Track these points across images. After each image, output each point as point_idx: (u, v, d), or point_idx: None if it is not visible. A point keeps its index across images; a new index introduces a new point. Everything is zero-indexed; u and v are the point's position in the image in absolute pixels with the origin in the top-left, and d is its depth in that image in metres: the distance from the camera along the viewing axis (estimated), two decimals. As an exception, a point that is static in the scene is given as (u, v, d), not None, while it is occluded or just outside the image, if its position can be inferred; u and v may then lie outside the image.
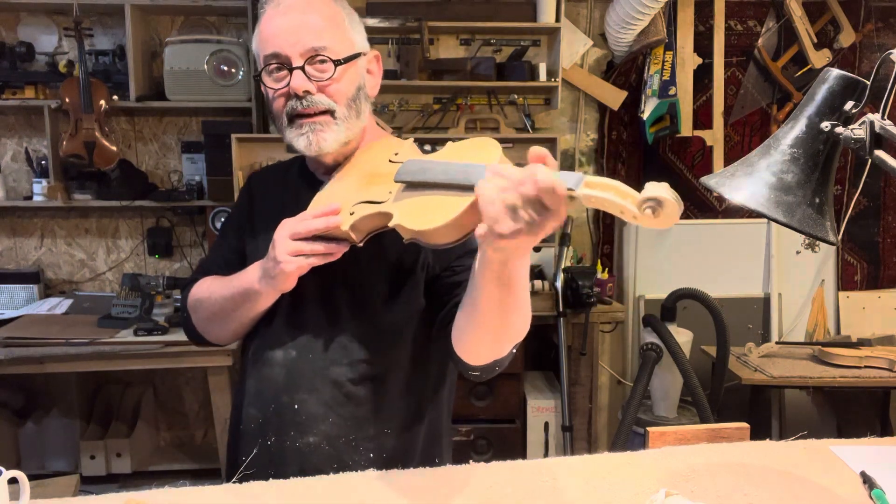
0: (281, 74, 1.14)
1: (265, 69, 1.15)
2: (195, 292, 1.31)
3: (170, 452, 3.36)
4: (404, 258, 1.19)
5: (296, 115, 1.14)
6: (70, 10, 2.93)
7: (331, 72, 1.14)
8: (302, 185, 1.27)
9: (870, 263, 3.45)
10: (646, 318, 2.85)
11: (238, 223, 1.35)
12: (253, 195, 1.34)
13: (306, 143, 1.15)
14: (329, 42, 1.14)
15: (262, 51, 1.16)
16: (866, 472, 1.06)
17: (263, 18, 1.18)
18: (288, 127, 1.16)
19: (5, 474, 0.90)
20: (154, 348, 2.65)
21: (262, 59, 1.17)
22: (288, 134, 1.16)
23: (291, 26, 1.13)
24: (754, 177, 0.93)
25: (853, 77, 0.90)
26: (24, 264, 3.26)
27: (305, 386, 1.17)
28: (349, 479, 1.06)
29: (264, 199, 1.32)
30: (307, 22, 1.14)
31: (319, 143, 1.14)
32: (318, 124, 1.14)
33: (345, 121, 1.16)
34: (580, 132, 3.33)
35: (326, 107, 1.14)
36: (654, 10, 2.92)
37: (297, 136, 1.15)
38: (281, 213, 1.15)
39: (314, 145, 1.14)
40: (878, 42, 3.31)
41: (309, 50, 1.13)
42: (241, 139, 2.95)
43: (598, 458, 1.15)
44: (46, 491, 2.04)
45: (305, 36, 1.13)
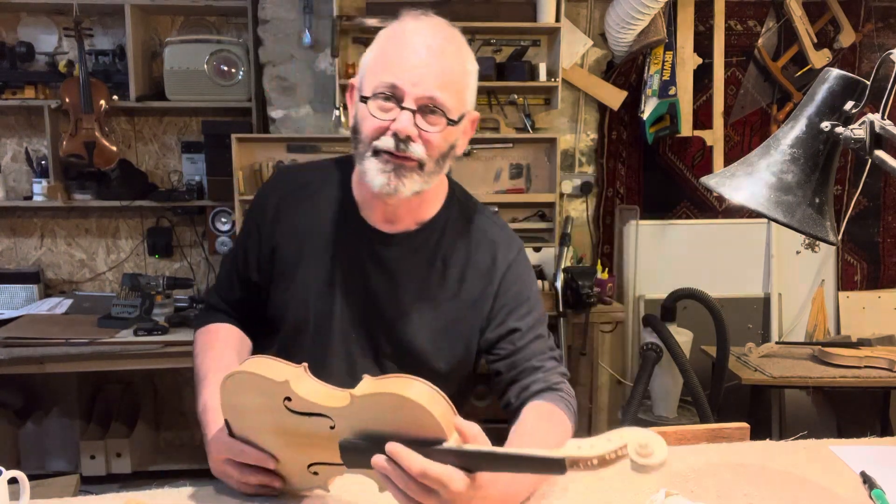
0: (388, 105, 1.07)
1: (374, 94, 1.08)
2: (198, 338, 1.32)
3: (170, 452, 3.36)
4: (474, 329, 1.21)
5: (385, 152, 1.09)
6: (70, 10, 2.93)
7: (440, 127, 1.08)
8: (349, 228, 1.21)
9: (870, 263, 3.45)
10: (646, 318, 2.85)
11: (250, 246, 1.27)
12: (279, 219, 1.24)
13: (384, 181, 1.09)
14: (448, 97, 1.08)
15: (378, 73, 1.09)
16: (866, 472, 1.06)
17: (391, 38, 1.11)
18: (370, 157, 1.10)
19: (5, 474, 0.90)
20: (154, 348, 2.65)
21: (373, 79, 1.09)
22: (366, 163, 1.10)
23: (420, 65, 1.07)
24: (754, 177, 0.93)
25: (853, 77, 0.90)
26: (24, 264, 3.26)
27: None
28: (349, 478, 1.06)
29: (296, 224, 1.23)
30: (437, 68, 1.07)
31: (398, 187, 1.09)
32: (404, 168, 1.09)
33: (429, 175, 1.12)
34: (580, 132, 3.33)
35: (419, 158, 1.09)
36: (654, 10, 2.92)
37: (377, 170, 1.09)
38: (322, 250, 1.18)
39: (391, 187, 1.09)
40: (878, 42, 3.31)
41: (427, 98, 1.07)
42: (241, 139, 2.95)
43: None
44: (46, 491, 2.04)
45: (430, 82, 1.07)
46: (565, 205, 3.34)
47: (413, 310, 1.19)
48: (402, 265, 1.20)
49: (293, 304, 1.21)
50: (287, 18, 3.09)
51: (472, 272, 1.21)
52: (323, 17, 3.05)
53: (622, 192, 3.37)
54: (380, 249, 1.20)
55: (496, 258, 1.22)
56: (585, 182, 3.32)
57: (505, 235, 1.26)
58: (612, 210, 3.37)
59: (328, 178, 1.26)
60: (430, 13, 1.13)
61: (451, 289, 1.20)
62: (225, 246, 3.13)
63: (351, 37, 3.09)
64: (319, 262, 1.20)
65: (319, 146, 3.06)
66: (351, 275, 1.20)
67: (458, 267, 1.21)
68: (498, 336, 1.20)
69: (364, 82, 1.11)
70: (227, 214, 3.12)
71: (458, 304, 1.20)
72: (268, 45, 3.10)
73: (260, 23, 3.09)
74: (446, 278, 1.20)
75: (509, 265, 1.22)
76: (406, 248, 1.20)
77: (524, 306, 1.21)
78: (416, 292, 1.19)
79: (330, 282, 1.20)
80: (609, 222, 3.39)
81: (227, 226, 3.13)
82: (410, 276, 1.20)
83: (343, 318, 1.20)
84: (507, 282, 1.21)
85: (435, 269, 1.20)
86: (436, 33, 1.10)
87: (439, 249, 1.21)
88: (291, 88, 3.15)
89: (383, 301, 1.19)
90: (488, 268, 1.21)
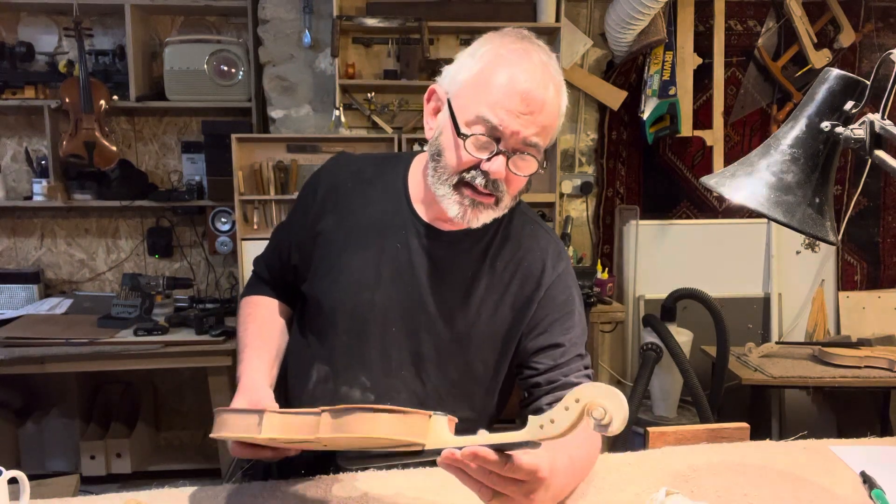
0: (484, 141, 1.06)
1: (473, 132, 1.06)
2: (242, 307, 1.33)
3: (170, 452, 3.36)
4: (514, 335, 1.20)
5: (469, 185, 1.09)
6: (70, 10, 2.93)
7: (531, 171, 1.09)
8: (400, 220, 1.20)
9: (870, 263, 3.45)
10: (646, 318, 2.85)
11: (295, 228, 1.27)
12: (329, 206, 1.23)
13: (460, 212, 1.10)
14: (543, 142, 1.08)
15: (480, 104, 1.05)
16: (866, 472, 1.06)
17: (498, 68, 1.06)
18: (450, 186, 1.09)
19: (5, 474, 0.90)
20: (154, 348, 2.65)
21: (473, 107, 1.06)
22: (445, 190, 1.10)
23: (524, 110, 1.04)
24: (754, 177, 0.93)
25: (853, 77, 0.90)
26: (24, 264, 3.26)
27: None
28: (349, 478, 1.06)
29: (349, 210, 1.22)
30: (540, 113, 1.06)
31: (471, 220, 1.10)
32: (482, 204, 1.10)
33: (503, 210, 1.13)
34: (580, 132, 3.33)
35: (499, 196, 1.10)
36: (654, 10, 2.92)
37: (454, 199, 1.09)
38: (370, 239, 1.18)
39: (466, 219, 1.10)
40: (878, 42, 3.31)
41: (525, 143, 1.06)
42: (241, 139, 2.95)
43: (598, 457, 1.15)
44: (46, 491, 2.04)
45: (530, 128, 1.05)
46: (565, 205, 3.34)
47: (457, 309, 1.18)
48: (451, 263, 1.19)
49: (334, 289, 1.19)
50: (287, 18, 3.09)
51: (520, 277, 1.20)
52: (323, 17, 3.05)
53: (622, 192, 3.37)
54: (430, 245, 1.19)
55: (545, 266, 1.21)
56: (585, 182, 3.32)
57: (556, 245, 1.26)
58: (612, 210, 3.37)
59: (384, 170, 1.25)
60: (533, 38, 1.11)
61: (497, 291, 1.20)
62: (225, 246, 3.13)
63: (351, 37, 3.09)
64: (366, 250, 1.19)
65: (319, 146, 3.06)
66: (398, 266, 1.18)
67: (507, 270, 1.20)
68: (538, 347, 1.18)
69: (458, 101, 1.09)
70: (227, 214, 3.12)
71: (502, 307, 1.19)
72: (268, 45, 3.10)
73: (260, 23, 3.09)
74: (494, 280, 1.20)
75: (558, 275, 1.22)
76: (457, 247, 1.19)
77: (569, 320, 1.20)
78: (462, 291, 1.18)
79: (376, 271, 1.18)
80: (609, 222, 3.39)
81: (227, 226, 3.13)
82: (458, 275, 1.19)
83: (384, 309, 1.18)
84: (554, 290, 1.21)
85: (483, 270, 1.19)
86: (544, 77, 1.07)
87: (489, 251, 1.20)
88: (291, 88, 3.14)
89: (427, 297, 1.18)
90: (537, 275, 1.20)
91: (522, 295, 1.20)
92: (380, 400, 1.15)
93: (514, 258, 1.21)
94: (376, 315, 1.17)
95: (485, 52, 1.09)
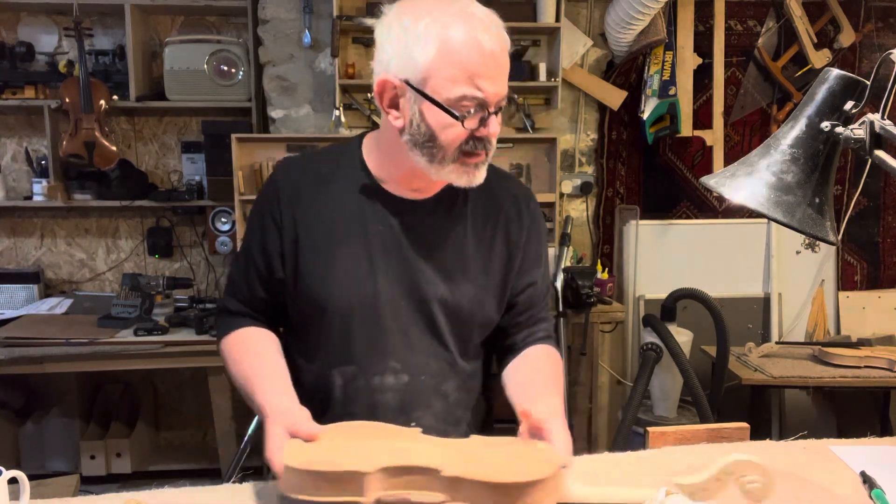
0: (476, 113, 1.09)
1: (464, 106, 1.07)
2: (227, 346, 1.26)
3: (170, 452, 3.36)
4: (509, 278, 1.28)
5: (470, 154, 1.12)
6: (70, 10, 2.93)
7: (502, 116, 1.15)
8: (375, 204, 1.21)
9: (870, 263, 3.45)
10: (646, 318, 2.85)
11: (269, 240, 1.23)
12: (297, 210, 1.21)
13: (467, 180, 1.14)
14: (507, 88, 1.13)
15: (455, 82, 1.06)
16: (866, 472, 1.06)
17: (451, 37, 1.05)
18: (453, 162, 1.12)
19: (5, 474, 0.90)
20: (154, 348, 2.65)
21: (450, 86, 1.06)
22: (448, 167, 1.12)
23: (497, 70, 1.09)
24: (754, 177, 0.93)
25: (853, 77, 0.90)
26: (24, 264, 3.26)
27: (422, 404, 1.22)
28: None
29: (318, 207, 1.22)
30: (504, 65, 1.10)
31: (474, 179, 1.15)
32: (482, 163, 1.15)
33: (490, 157, 1.17)
34: (580, 132, 3.33)
35: (492, 150, 1.15)
36: (654, 10, 2.92)
37: (459, 171, 1.13)
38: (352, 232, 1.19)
39: (473, 182, 1.15)
40: (878, 42, 3.31)
41: (503, 98, 1.11)
42: (241, 139, 2.95)
43: (598, 458, 1.15)
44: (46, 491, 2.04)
45: (502, 83, 1.10)
46: (565, 205, 3.34)
47: (456, 270, 1.22)
48: (436, 229, 1.22)
49: (334, 293, 1.19)
50: (287, 18, 3.08)
51: (502, 226, 1.27)
52: (323, 17, 3.05)
53: (622, 192, 3.37)
54: (411, 218, 1.21)
55: (520, 210, 1.29)
56: (585, 182, 3.32)
57: (522, 188, 1.35)
58: (612, 210, 3.37)
59: (338, 163, 1.26)
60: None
61: (486, 243, 1.25)
62: (225, 246, 3.13)
63: (351, 37, 3.09)
64: (352, 245, 1.20)
65: (319, 146, 3.06)
66: (387, 250, 1.20)
67: (490, 222, 1.26)
68: (523, 286, 1.29)
69: (430, 86, 1.07)
70: (227, 214, 3.12)
71: (494, 256, 1.25)
72: (268, 45, 3.10)
73: (260, 23, 3.09)
74: (481, 235, 1.25)
75: (533, 217, 1.31)
76: (436, 213, 1.22)
77: (542, 258, 1.32)
78: (454, 253, 1.22)
79: (368, 261, 1.19)
80: (609, 222, 3.39)
81: (227, 226, 3.13)
82: (446, 239, 1.22)
83: (389, 294, 1.19)
84: (532, 233, 1.30)
85: (468, 227, 1.24)
86: (493, 26, 1.09)
87: (467, 208, 1.25)
88: (291, 88, 3.14)
89: (425, 268, 1.21)
90: (516, 220, 1.28)
91: (507, 241, 1.27)
92: (414, 377, 1.20)
93: (492, 207, 1.27)
94: (383, 301, 1.19)
95: (428, 26, 1.06)
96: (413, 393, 1.21)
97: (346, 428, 1.04)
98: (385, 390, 1.20)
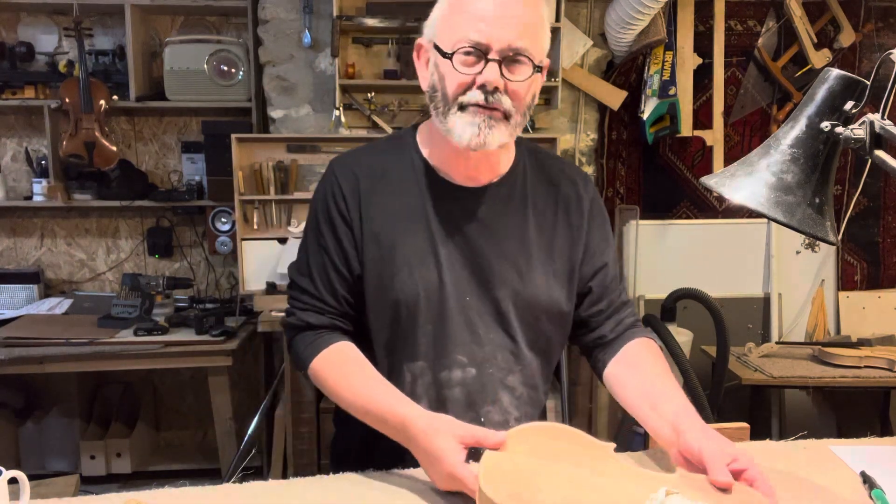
0: (471, 60, 1.07)
1: (458, 50, 1.07)
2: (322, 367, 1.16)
3: (170, 452, 3.36)
4: (574, 262, 1.24)
5: (473, 105, 1.09)
6: (70, 10, 2.93)
7: (526, 75, 1.09)
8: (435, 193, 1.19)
9: (870, 263, 3.45)
10: (646, 318, 2.85)
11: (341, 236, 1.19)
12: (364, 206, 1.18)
13: (474, 132, 1.09)
14: (530, 44, 1.08)
15: (456, 28, 1.07)
16: (866, 472, 1.06)
17: None
18: (456, 112, 1.10)
19: (5, 474, 0.90)
20: (154, 348, 2.65)
21: (452, 34, 1.08)
22: (451, 118, 1.10)
23: (501, 16, 1.06)
24: (754, 177, 0.93)
25: (853, 77, 0.90)
26: (24, 264, 3.26)
27: (489, 398, 1.19)
28: (349, 478, 1.06)
29: (383, 201, 1.19)
30: (517, 16, 1.07)
31: (487, 138, 1.09)
32: (493, 120, 1.09)
33: (514, 127, 1.13)
34: (580, 132, 3.33)
35: (506, 109, 1.09)
36: (654, 10, 2.92)
37: (464, 123, 1.09)
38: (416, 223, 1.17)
39: (481, 139, 1.09)
40: (878, 42, 3.31)
41: (511, 48, 1.06)
42: (241, 139, 2.95)
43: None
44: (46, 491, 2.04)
45: (512, 31, 1.06)
46: (565, 205, 3.34)
47: (520, 258, 1.19)
48: (498, 217, 1.20)
49: (404, 285, 1.16)
50: (287, 18, 3.09)
51: (562, 209, 1.24)
52: (323, 17, 3.05)
53: (622, 192, 3.37)
54: (472, 206, 1.19)
55: (579, 192, 1.26)
56: (585, 182, 3.31)
57: (578, 170, 1.32)
58: (612, 210, 3.37)
59: (395, 154, 1.24)
60: None
61: (549, 228, 1.23)
62: (225, 246, 3.13)
63: (351, 37, 3.09)
64: (416, 236, 1.18)
65: (319, 146, 3.06)
66: (450, 239, 1.18)
67: (550, 207, 1.24)
68: (593, 271, 1.25)
69: (439, 38, 1.10)
70: (227, 214, 3.12)
71: (558, 242, 1.23)
72: (268, 45, 3.10)
73: (260, 23, 3.09)
74: (542, 220, 1.23)
75: (592, 198, 1.27)
76: (497, 200, 1.20)
77: (608, 240, 1.29)
78: (518, 240, 1.20)
79: (432, 251, 1.17)
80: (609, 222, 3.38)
81: (226, 226, 3.13)
82: (509, 226, 1.20)
83: (455, 284, 1.17)
84: (594, 214, 1.26)
85: (529, 214, 1.22)
86: None
87: (527, 194, 1.23)
88: (291, 88, 3.14)
89: (490, 256, 1.18)
90: (576, 202, 1.25)
91: (570, 225, 1.24)
92: (481, 370, 1.18)
93: (551, 194, 1.24)
94: (449, 293, 1.17)
95: None
96: (480, 386, 1.19)
97: (529, 435, 0.99)
98: (453, 385, 1.18)
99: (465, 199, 1.19)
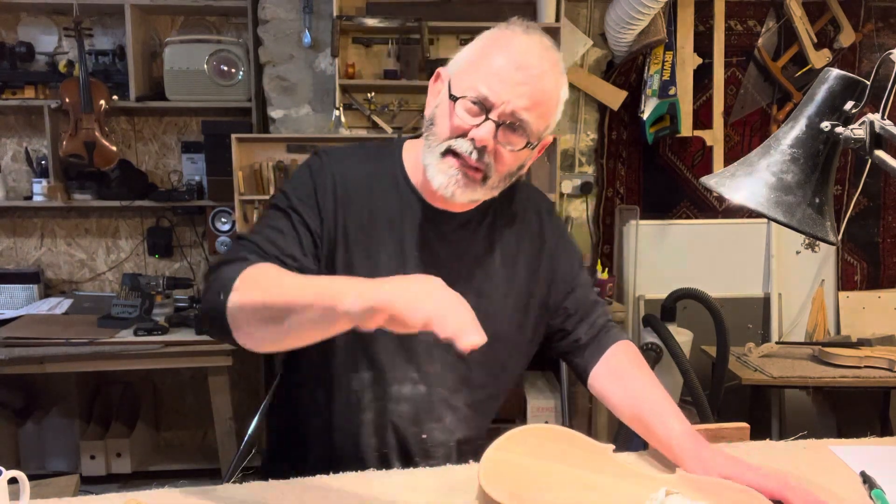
0: (474, 110, 1.08)
1: (465, 97, 1.08)
2: (249, 277, 0.98)
3: (170, 452, 3.36)
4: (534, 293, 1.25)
5: (455, 153, 1.09)
6: (70, 10, 2.93)
7: (517, 146, 1.09)
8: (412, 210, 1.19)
9: (870, 263, 3.45)
10: (646, 318, 2.85)
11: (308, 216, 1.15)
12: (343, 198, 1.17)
13: (444, 182, 1.09)
14: (534, 119, 1.08)
15: (473, 76, 1.08)
16: (866, 472, 1.06)
17: (496, 45, 1.10)
18: (440, 154, 1.10)
19: (5, 474, 0.90)
20: (154, 348, 2.65)
21: (467, 79, 1.09)
22: (432, 158, 1.11)
23: (518, 82, 1.06)
24: (754, 177, 0.93)
25: (853, 77, 0.90)
26: (24, 264, 3.26)
27: (435, 416, 1.21)
28: (348, 477, 1.06)
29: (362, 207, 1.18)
30: (533, 87, 1.07)
31: (456, 192, 1.10)
32: (468, 178, 1.10)
33: (490, 189, 1.13)
34: (580, 132, 3.33)
35: (486, 171, 1.09)
36: (654, 10, 2.92)
37: (441, 168, 1.10)
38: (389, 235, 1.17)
39: (449, 190, 1.10)
40: (878, 42, 3.31)
41: (514, 116, 1.07)
42: (241, 139, 2.95)
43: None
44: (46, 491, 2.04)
45: (522, 100, 1.06)
46: (565, 205, 3.34)
47: (483, 283, 1.21)
48: (467, 242, 1.22)
49: None
50: (287, 18, 3.09)
51: (526, 241, 1.26)
52: (323, 17, 3.05)
53: (622, 192, 3.37)
54: (446, 229, 1.20)
55: (542, 224, 1.29)
56: (585, 182, 3.32)
57: (544, 199, 1.35)
58: (612, 210, 3.37)
59: (381, 164, 1.23)
60: (538, 28, 1.14)
61: (510, 257, 1.25)
62: (225, 246, 3.13)
63: (351, 37, 3.09)
64: (389, 247, 1.18)
65: (319, 146, 3.06)
66: (421, 256, 1.19)
67: (513, 237, 1.26)
68: (564, 294, 1.27)
69: (456, 77, 1.11)
70: (227, 214, 3.12)
71: (519, 272, 1.25)
72: (268, 45, 3.10)
73: (260, 23, 3.09)
74: (505, 250, 1.24)
75: (556, 228, 1.31)
76: (469, 226, 1.22)
77: (576, 263, 1.31)
78: (482, 267, 1.22)
79: (402, 264, 1.18)
80: (609, 222, 3.39)
81: (226, 226, 3.13)
82: (476, 252, 1.22)
83: None
84: (559, 245, 1.29)
85: (495, 242, 1.24)
86: (542, 55, 1.09)
87: (495, 223, 1.25)
88: (291, 88, 3.15)
89: (455, 279, 1.14)
90: (538, 236, 1.28)
91: (531, 256, 1.26)
92: (430, 388, 1.20)
93: (515, 223, 1.27)
94: None
95: (489, 34, 1.13)
96: (428, 405, 1.20)
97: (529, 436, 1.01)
98: (402, 400, 1.19)
99: (440, 221, 1.20)
